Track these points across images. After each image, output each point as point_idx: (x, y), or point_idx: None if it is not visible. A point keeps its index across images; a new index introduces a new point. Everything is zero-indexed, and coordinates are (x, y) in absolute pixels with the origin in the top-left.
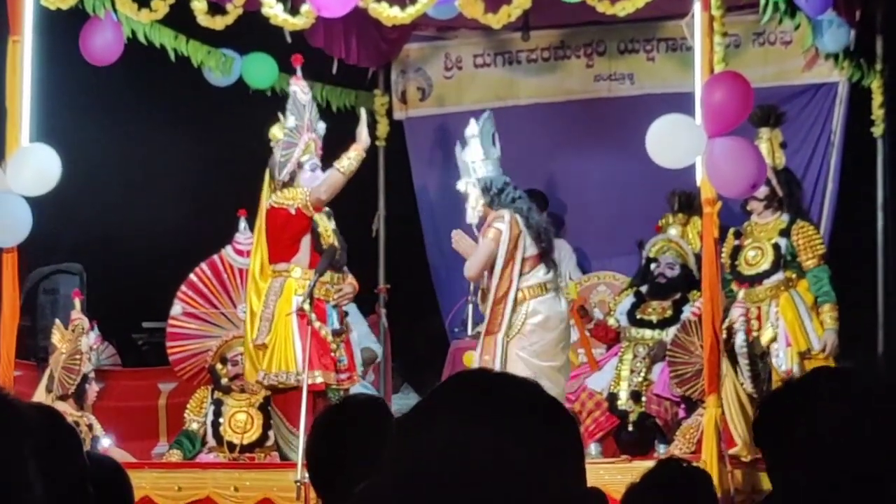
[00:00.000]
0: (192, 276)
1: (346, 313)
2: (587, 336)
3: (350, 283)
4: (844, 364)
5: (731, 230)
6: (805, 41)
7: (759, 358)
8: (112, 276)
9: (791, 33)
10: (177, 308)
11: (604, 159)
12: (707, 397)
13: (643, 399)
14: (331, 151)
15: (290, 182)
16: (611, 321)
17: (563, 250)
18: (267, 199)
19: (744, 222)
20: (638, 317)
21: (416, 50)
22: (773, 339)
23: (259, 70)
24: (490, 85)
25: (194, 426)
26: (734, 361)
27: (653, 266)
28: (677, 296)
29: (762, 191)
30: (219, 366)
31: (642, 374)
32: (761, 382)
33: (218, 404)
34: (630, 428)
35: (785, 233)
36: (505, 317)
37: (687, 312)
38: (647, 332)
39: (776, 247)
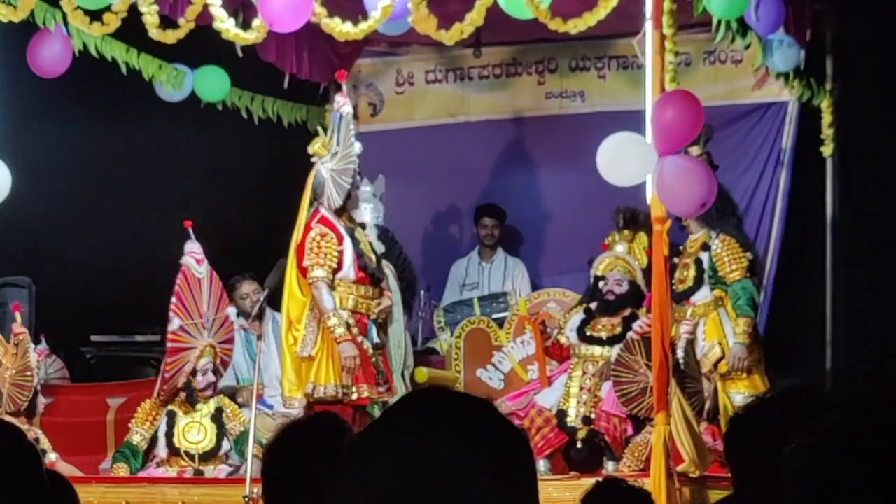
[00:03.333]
0: (176, 288)
1: (383, 326)
2: (543, 352)
3: (388, 297)
4: (788, 382)
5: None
6: (755, 60)
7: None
8: (61, 288)
9: (742, 52)
10: (175, 322)
11: (555, 176)
12: (656, 415)
13: (592, 417)
14: (281, 167)
15: (345, 203)
16: (562, 339)
17: (518, 268)
18: (306, 214)
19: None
20: (588, 333)
21: (368, 65)
22: (714, 367)
23: (211, 83)
24: (441, 101)
25: (136, 438)
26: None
27: (601, 283)
28: (626, 312)
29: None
30: (190, 377)
31: (591, 392)
32: (695, 401)
33: (171, 415)
34: (578, 445)
35: (706, 247)
36: None
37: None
38: (597, 350)
39: (698, 262)
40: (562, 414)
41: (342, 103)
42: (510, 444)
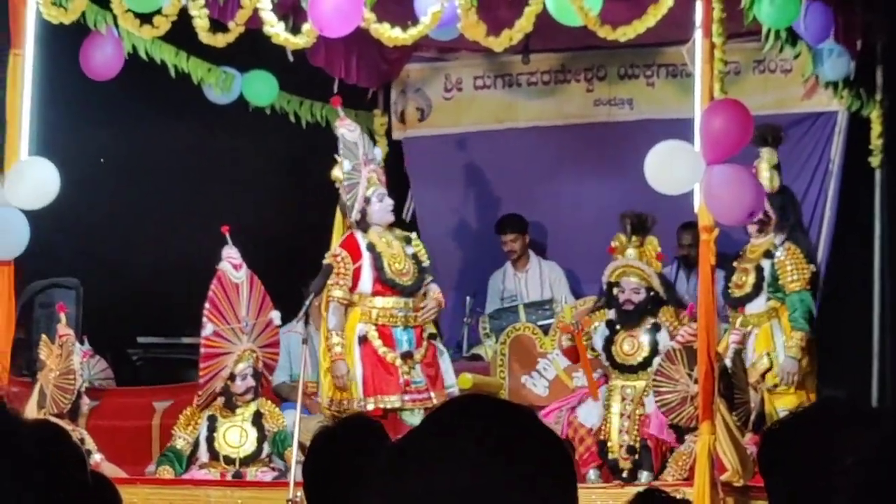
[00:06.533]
0: (210, 293)
1: (435, 335)
2: (588, 362)
3: (434, 299)
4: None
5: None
6: (805, 70)
7: (740, 385)
8: (108, 290)
9: (791, 61)
10: (208, 328)
11: (602, 184)
12: (701, 424)
13: (637, 446)
14: (325, 170)
15: (362, 220)
16: (584, 341)
17: (554, 272)
18: (339, 236)
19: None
20: (618, 360)
21: (417, 70)
22: (762, 378)
23: (259, 88)
24: (489, 107)
25: (180, 443)
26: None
27: (615, 291)
28: (648, 324)
29: None
30: (228, 382)
31: (632, 419)
32: (741, 412)
33: (212, 420)
34: (625, 475)
35: (770, 254)
36: None
37: (663, 339)
38: (632, 378)
39: (758, 269)
40: (602, 444)
41: (337, 127)
42: (552, 453)
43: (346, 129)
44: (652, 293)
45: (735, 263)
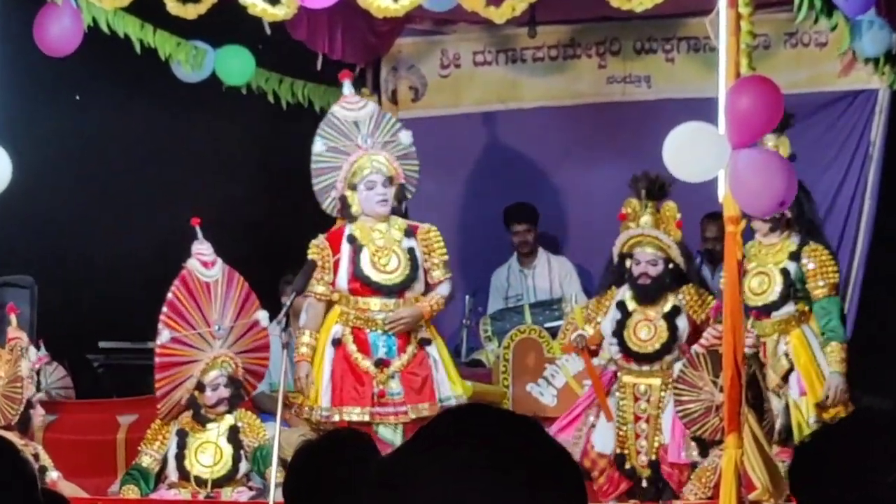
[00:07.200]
0: (170, 295)
1: (429, 340)
2: (599, 381)
3: (412, 306)
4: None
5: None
6: (842, 43)
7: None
8: (67, 288)
9: (826, 34)
10: (165, 335)
11: (615, 171)
12: (727, 436)
13: (655, 458)
14: (308, 155)
15: (344, 209)
16: (589, 330)
17: (564, 268)
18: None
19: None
20: (632, 348)
21: (410, 45)
22: (784, 381)
23: (234, 64)
24: (491, 85)
25: (146, 460)
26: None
27: (628, 263)
28: (668, 306)
29: None
30: (196, 393)
31: (648, 437)
32: (765, 422)
33: (182, 435)
34: (644, 484)
35: (795, 256)
36: None
37: (683, 324)
38: (645, 369)
39: (784, 272)
40: (620, 458)
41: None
42: (558, 469)
43: (344, 105)
44: (671, 265)
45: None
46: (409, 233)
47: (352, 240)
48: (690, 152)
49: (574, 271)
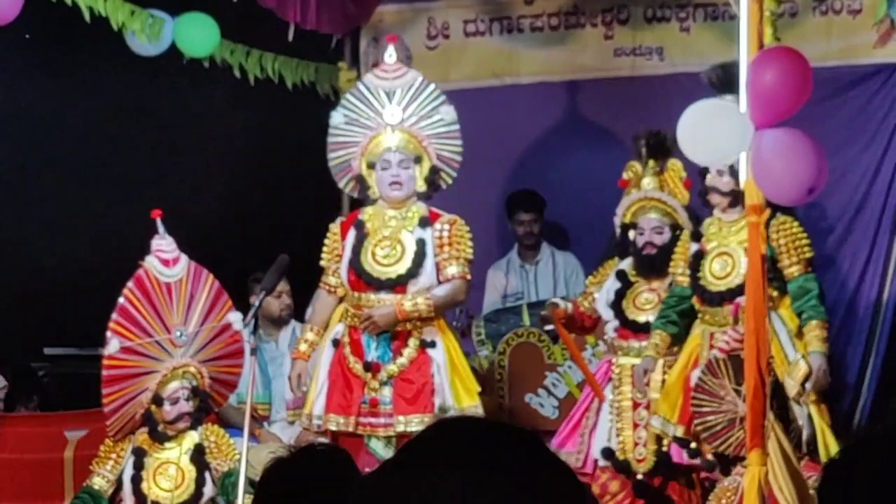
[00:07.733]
0: (121, 299)
1: (433, 343)
2: (578, 352)
3: (388, 305)
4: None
5: (686, 232)
6: (878, 11)
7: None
8: (8, 290)
9: (860, 1)
10: (113, 344)
11: (624, 153)
12: (749, 452)
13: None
14: (285, 139)
15: (361, 191)
16: (584, 304)
17: (570, 265)
18: None
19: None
20: (630, 317)
21: (392, 13)
22: (803, 387)
23: (195, 35)
24: (484, 58)
25: (98, 482)
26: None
27: (632, 234)
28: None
29: (726, 182)
30: (153, 407)
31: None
32: (791, 434)
33: (139, 455)
34: (640, 476)
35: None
36: None
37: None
38: (643, 355)
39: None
40: (624, 464)
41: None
42: (560, 487)
43: (378, 74)
44: (678, 232)
45: (697, 246)
46: (426, 222)
47: (360, 226)
48: (708, 133)
49: (581, 269)
